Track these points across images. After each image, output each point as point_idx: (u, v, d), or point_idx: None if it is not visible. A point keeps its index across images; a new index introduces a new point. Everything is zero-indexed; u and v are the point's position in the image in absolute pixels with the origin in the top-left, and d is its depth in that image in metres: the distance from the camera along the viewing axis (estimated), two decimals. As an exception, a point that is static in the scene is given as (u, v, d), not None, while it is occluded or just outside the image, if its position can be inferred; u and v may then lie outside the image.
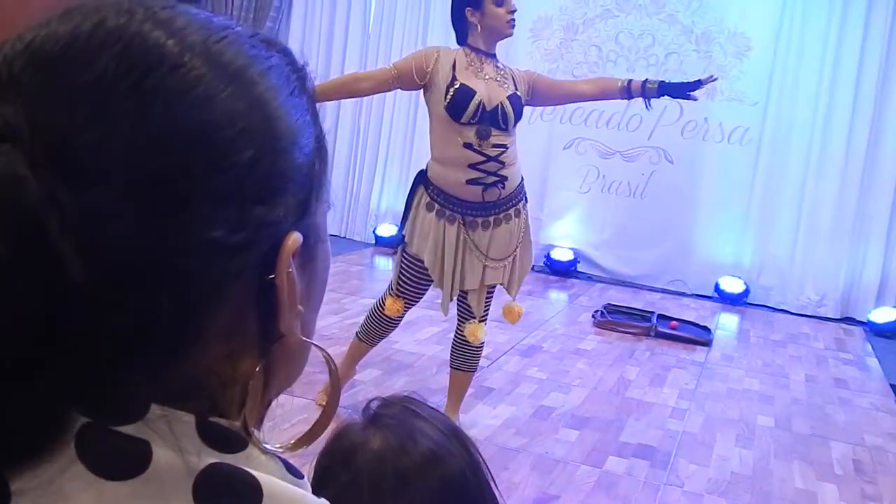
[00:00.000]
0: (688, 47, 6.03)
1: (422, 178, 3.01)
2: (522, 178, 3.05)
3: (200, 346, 0.42)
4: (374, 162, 6.83)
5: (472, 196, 2.91)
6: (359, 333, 3.30)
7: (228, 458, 0.42)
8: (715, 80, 3.11)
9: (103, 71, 0.39)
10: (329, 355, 0.50)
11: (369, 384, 3.64)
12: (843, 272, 5.81)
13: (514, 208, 3.00)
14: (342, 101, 6.82)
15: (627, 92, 3.04)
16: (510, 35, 2.97)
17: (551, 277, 6.21)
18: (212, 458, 0.42)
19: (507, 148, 2.91)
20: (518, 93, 2.96)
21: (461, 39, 2.98)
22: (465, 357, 3.17)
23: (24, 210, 0.37)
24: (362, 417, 1.00)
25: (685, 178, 6.08)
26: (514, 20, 2.91)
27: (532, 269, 6.11)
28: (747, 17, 5.88)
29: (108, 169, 0.38)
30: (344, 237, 6.86)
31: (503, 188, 2.93)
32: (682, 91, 3.04)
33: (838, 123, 5.75)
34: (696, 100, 3.15)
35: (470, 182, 2.88)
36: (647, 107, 3.16)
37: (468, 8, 2.91)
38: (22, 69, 0.40)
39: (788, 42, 5.84)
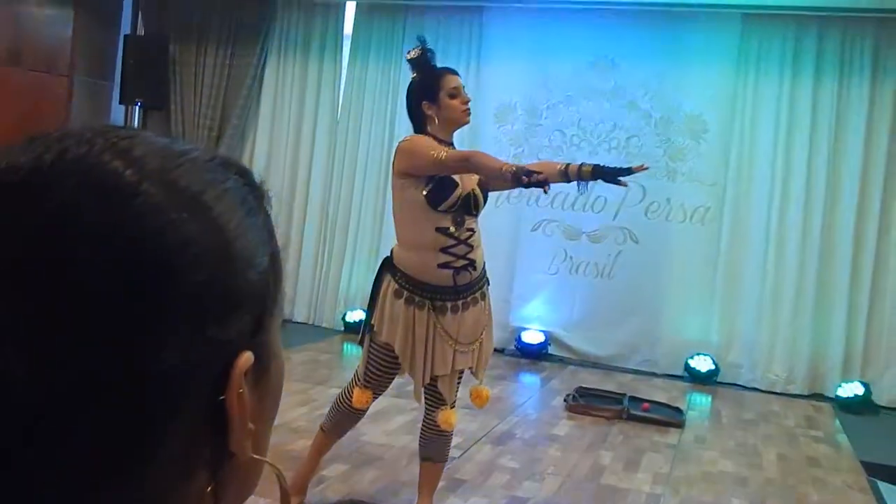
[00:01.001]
0: (648, 131, 6.19)
1: (388, 266, 3.01)
2: (485, 263, 3.06)
3: (151, 469, 0.42)
4: (343, 247, 6.84)
5: (443, 280, 2.91)
6: (323, 426, 3.23)
7: None
8: (645, 168, 3.09)
9: (62, 202, 0.41)
10: (281, 473, 0.50)
11: (337, 479, 3.57)
12: (809, 347, 5.88)
13: (479, 291, 3.00)
14: (309, 185, 6.89)
15: (565, 175, 2.99)
16: (467, 123, 3.03)
17: (522, 360, 6.20)
18: None
19: (475, 231, 2.96)
20: (481, 179, 3.01)
21: (420, 130, 3.02)
22: (436, 446, 3.10)
23: None
24: None
25: (651, 257, 6.17)
26: (469, 109, 2.97)
27: (503, 352, 6.23)
28: (703, 102, 6.08)
29: (60, 295, 0.39)
30: (312, 324, 6.81)
31: (473, 271, 2.94)
32: (614, 176, 3.03)
33: (794, 200, 5.92)
34: (626, 185, 3.11)
35: (441, 266, 2.89)
36: (578, 189, 3.13)
37: (424, 102, 2.97)
38: None
39: (742, 123, 6.05)
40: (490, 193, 3.06)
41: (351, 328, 6.49)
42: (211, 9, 7.01)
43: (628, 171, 3.02)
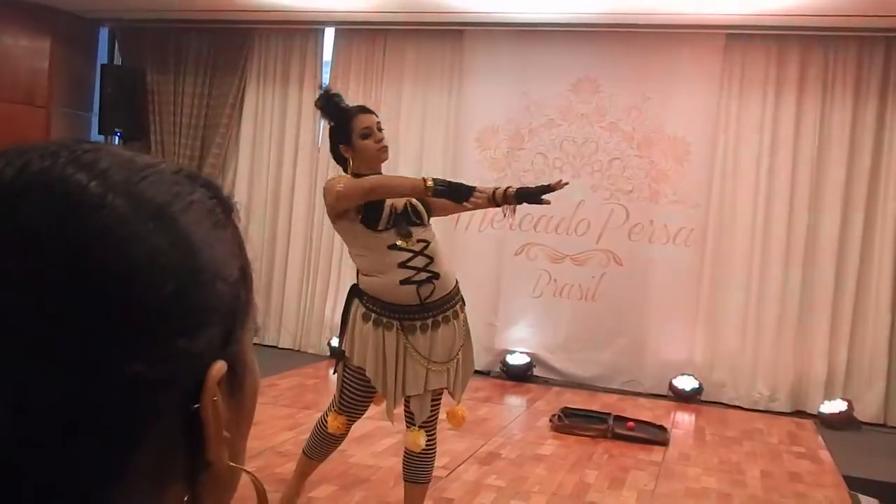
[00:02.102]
0: (630, 153, 6.26)
1: (355, 291, 3.04)
2: (457, 282, 3.08)
3: (126, 481, 0.42)
4: (328, 273, 6.86)
5: (408, 298, 2.93)
6: (305, 450, 3.25)
7: None
8: (565, 184, 2.99)
9: (26, 215, 0.41)
10: (257, 479, 0.50)
11: (325, 500, 3.57)
12: (792, 366, 5.93)
13: (451, 310, 3.00)
14: (292, 211, 6.92)
15: (493, 202, 2.97)
16: (386, 159, 3.05)
17: (508, 383, 6.22)
18: None
19: (430, 242, 2.98)
20: None
21: (345, 170, 3.06)
22: (414, 468, 3.10)
23: None
24: None
25: (635, 279, 6.22)
26: (385, 146, 3.00)
27: (488, 374, 6.25)
28: (686, 123, 6.13)
29: (25, 310, 0.39)
30: (298, 350, 6.81)
31: (437, 281, 2.94)
32: (536, 196, 2.95)
33: (776, 220, 5.97)
34: (548, 203, 2.99)
35: (403, 283, 2.91)
36: (504, 214, 3.04)
37: (341, 145, 3.03)
38: None
39: (725, 144, 6.10)
40: (475, 217, 3.11)
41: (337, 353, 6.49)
42: (188, 37, 7.04)
43: (549, 189, 3.00)
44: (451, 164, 6.57)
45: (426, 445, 3.05)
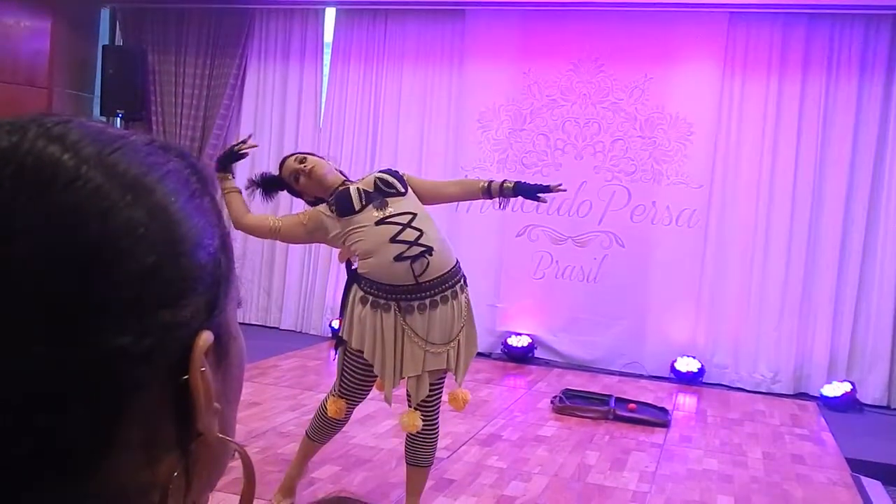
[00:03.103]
0: (633, 133, 6.21)
1: (353, 275, 3.05)
2: (458, 262, 3.06)
3: (116, 455, 0.42)
4: (329, 254, 6.83)
5: (403, 276, 2.91)
6: (308, 432, 3.26)
7: None
8: (563, 190, 3.31)
9: None
10: (244, 450, 0.49)
11: (327, 481, 3.58)
12: (795, 348, 5.92)
13: (450, 290, 2.97)
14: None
15: (488, 193, 3.19)
16: (310, 175, 3.14)
17: (509, 364, 6.21)
18: None
19: (416, 214, 2.98)
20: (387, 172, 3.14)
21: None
22: (416, 451, 3.10)
23: None
24: None
25: (637, 260, 6.19)
26: (309, 170, 3.12)
27: (489, 356, 6.24)
28: (689, 103, 6.08)
29: (4, 285, 0.39)
30: (300, 332, 6.81)
31: (430, 257, 2.92)
32: (534, 193, 3.20)
33: (780, 201, 5.94)
34: (545, 202, 3.35)
35: (397, 258, 2.90)
36: (500, 206, 3.30)
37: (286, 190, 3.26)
38: None
39: (728, 125, 6.05)
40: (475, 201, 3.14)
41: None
42: (189, 17, 7.00)
43: (547, 189, 3.16)
44: (452, 146, 6.54)
45: (428, 428, 3.04)
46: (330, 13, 6.87)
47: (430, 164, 6.46)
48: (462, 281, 3.05)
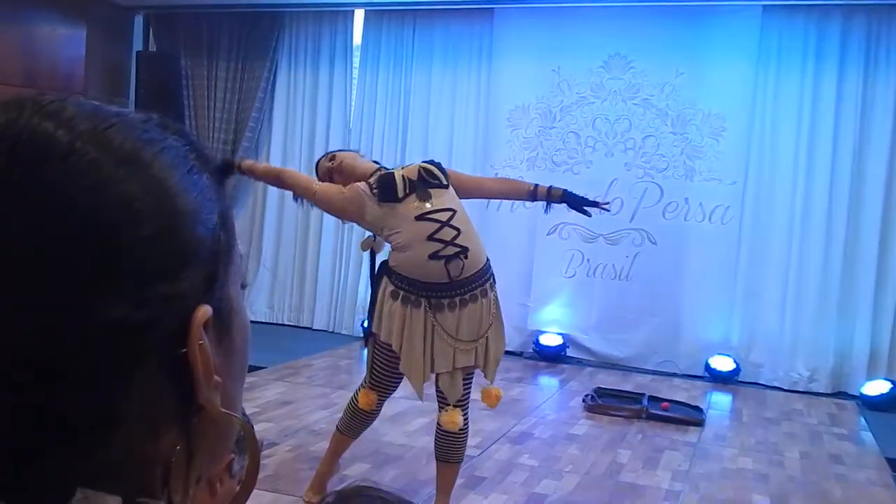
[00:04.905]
0: (664, 130, 6.15)
1: (385, 269, 3.05)
2: (489, 260, 3.06)
3: (117, 427, 0.42)
4: (360, 255, 6.86)
5: (437, 274, 2.91)
6: (339, 426, 3.27)
7: None
8: (608, 209, 3.44)
9: None
10: (249, 427, 0.50)
11: (358, 478, 3.58)
12: (833, 346, 5.80)
13: (480, 288, 2.98)
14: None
15: (533, 196, 3.22)
16: (339, 168, 3.13)
17: (541, 363, 6.18)
18: None
19: (456, 212, 2.97)
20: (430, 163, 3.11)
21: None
22: (446, 447, 3.10)
23: None
24: None
25: (669, 258, 6.13)
26: (336, 166, 3.12)
27: (521, 355, 6.21)
28: (722, 98, 5.99)
29: (2, 257, 0.39)
30: (331, 331, 6.84)
31: (466, 259, 2.92)
32: (580, 204, 3.21)
33: (817, 197, 5.83)
34: (589, 216, 3.42)
35: (432, 257, 2.90)
36: (546, 210, 3.37)
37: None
38: None
39: (763, 120, 5.96)
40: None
41: (370, 334, 6.51)
42: (220, 22, 7.08)
43: (594, 204, 3.18)
44: (481, 145, 6.53)
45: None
46: (359, 15, 6.90)
47: (459, 164, 6.42)
48: (492, 279, 3.05)
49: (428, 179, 3.00)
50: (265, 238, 7.08)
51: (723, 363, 5.91)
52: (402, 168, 3.12)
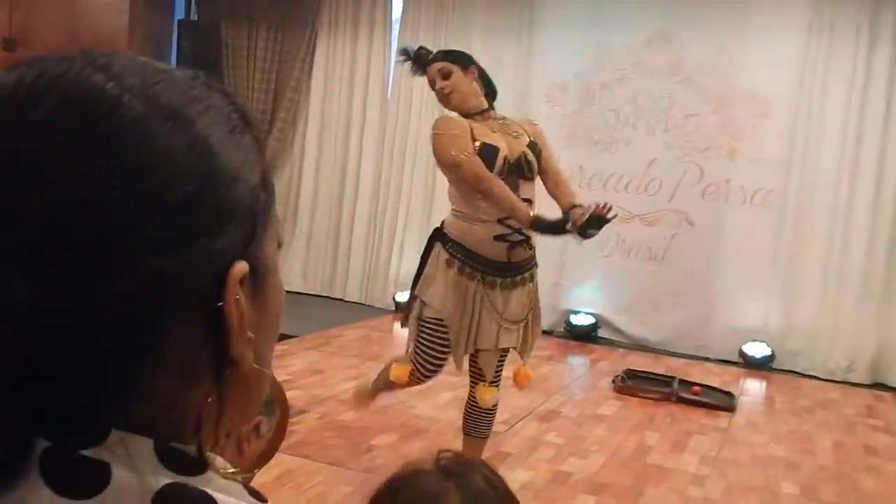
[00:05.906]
0: (706, 109, 6.02)
1: (439, 235, 2.99)
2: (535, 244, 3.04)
3: (152, 374, 0.44)
4: (394, 227, 6.86)
5: (497, 254, 2.88)
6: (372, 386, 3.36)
7: (188, 481, 0.44)
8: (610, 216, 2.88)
9: (46, 114, 0.42)
10: (277, 382, 0.52)
11: (385, 448, 3.60)
12: (874, 335, 5.67)
13: (529, 272, 3.00)
14: (360, 166, 6.94)
15: (565, 215, 2.87)
16: (456, 105, 2.97)
17: (571, 342, 6.14)
18: (169, 479, 0.43)
19: (533, 203, 2.92)
20: (534, 140, 2.99)
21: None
22: (475, 422, 3.13)
23: None
24: (435, 467, 1.07)
25: (707, 240, 6.03)
26: (444, 95, 2.96)
27: (552, 333, 6.16)
28: (767, 77, 5.83)
29: (49, 203, 0.41)
30: (364, 304, 6.86)
31: (530, 249, 2.94)
32: (600, 224, 2.82)
33: (864, 182, 5.66)
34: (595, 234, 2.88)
35: (497, 238, 2.87)
36: (576, 237, 2.88)
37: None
38: None
39: (810, 100, 5.76)
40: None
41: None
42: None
43: (601, 220, 2.80)
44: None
45: None
46: (400, -17, 6.85)
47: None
48: (536, 266, 3.05)
49: (523, 169, 2.90)
50: (300, 209, 7.11)
51: (758, 349, 5.81)
52: (510, 131, 2.93)
